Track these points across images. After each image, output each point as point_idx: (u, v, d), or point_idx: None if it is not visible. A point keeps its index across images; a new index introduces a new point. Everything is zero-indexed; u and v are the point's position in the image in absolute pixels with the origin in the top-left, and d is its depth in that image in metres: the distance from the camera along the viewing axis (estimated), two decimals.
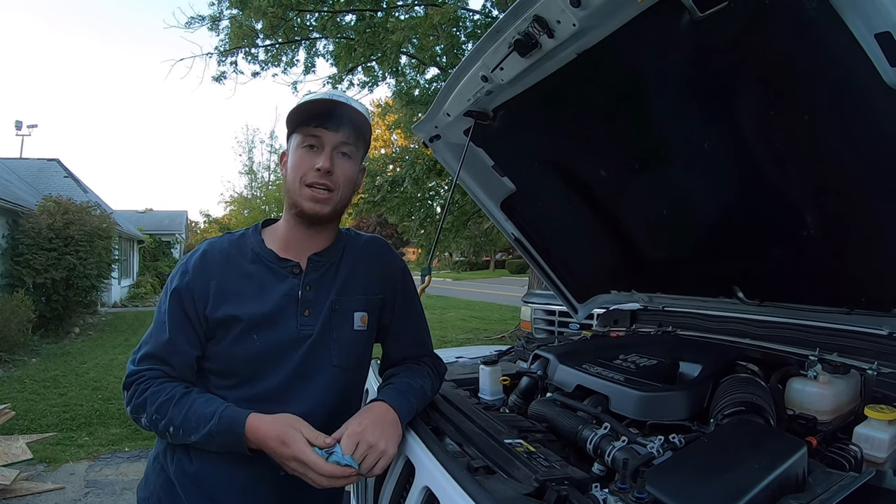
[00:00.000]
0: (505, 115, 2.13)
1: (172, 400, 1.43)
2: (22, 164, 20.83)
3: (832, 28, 1.18)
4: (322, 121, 1.54)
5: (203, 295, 1.53)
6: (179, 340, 1.51)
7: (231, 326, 1.51)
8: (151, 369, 1.50)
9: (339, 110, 1.56)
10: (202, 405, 1.41)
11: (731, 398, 1.52)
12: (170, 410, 1.42)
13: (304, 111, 1.55)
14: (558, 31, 1.56)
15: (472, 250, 26.04)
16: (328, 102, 1.56)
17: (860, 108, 1.36)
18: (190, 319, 1.52)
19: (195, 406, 1.41)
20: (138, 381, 1.49)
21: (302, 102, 1.56)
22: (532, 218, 2.79)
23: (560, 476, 1.18)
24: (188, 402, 1.43)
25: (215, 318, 1.52)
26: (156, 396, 1.44)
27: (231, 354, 1.52)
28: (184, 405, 1.42)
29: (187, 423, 1.40)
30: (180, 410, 1.41)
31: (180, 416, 1.41)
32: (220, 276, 1.55)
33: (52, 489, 4.59)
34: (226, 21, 11.34)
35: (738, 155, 1.75)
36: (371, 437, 1.37)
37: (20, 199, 13.44)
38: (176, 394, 1.44)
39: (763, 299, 2.15)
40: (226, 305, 1.52)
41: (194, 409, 1.41)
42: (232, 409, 1.40)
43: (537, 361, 2.01)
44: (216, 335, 1.53)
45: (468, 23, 11.21)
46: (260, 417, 1.38)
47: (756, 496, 1.02)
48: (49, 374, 8.79)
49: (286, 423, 1.36)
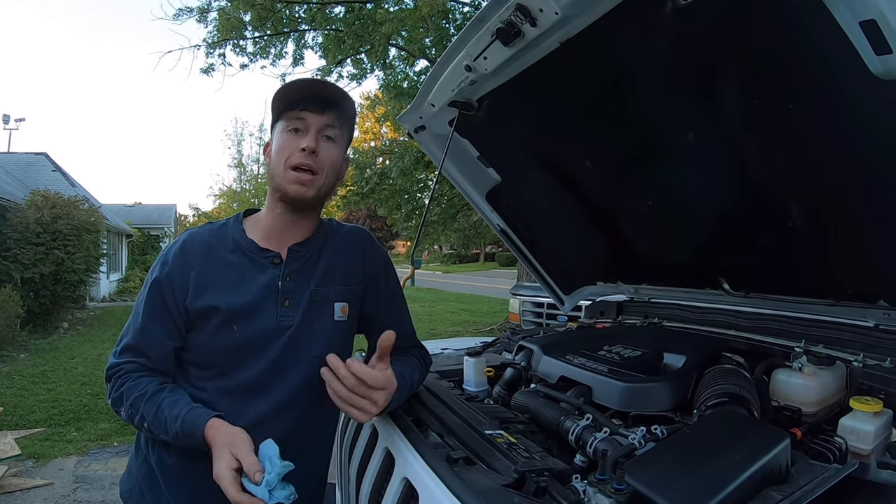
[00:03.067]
0: (489, 105, 2.12)
1: (144, 397, 1.42)
2: (9, 158, 20.67)
3: (816, 16, 1.16)
4: (307, 104, 1.54)
5: (183, 286, 1.52)
6: (157, 332, 1.50)
7: (211, 317, 1.50)
8: (130, 362, 1.49)
9: (324, 92, 1.56)
10: (169, 406, 1.40)
11: (715, 389, 1.51)
12: (142, 407, 1.41)
13: (289, 94, 1.55)
14: (541, 20, 1.54)
15: (461, 243, 26.04)
16: (313, 84, 1.56)
17: (845, 98, 1.35)
18: (169, 310, 1.51)
19: (163, 406, 1.40)
20: (117, 375, 1.48)
21: (286, 84, 1.56)
22: (517, 209, 2.78)
23: (540, 467, 1.17)
24: (158, 400, 1.41)
25: (195, 309, 1.50)
26: (130, 392, 1.44)
27: (211, 345, 1.51)
28: (154, 403, 1.41)
29: (157, 422, 1.40)
30: (150, 409, 1.40)
31: (151, 414, 1.40)
32: (200, 267, 1.54)
33: (40, 485, 4.57)
34: (214, 13, 11.22)
35: (723, 145, 1.75)
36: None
37: (7, 193, 13.34)
38: (148, 390, 1.43)
39: (748, 291, 2.15)
40: (206, 296, 1.51)
41: (162, 409, 1.39)
42: (194, 412, 1.38)
43: (522, 352, 2.01)
44: (196, 326, 1.51)
45: (458, 14, 11.16)
46: (216, 428, 1.35)
47: (737, 487, 1.01)
48: (37, 369, 8.73)
49: (227, 441, 1.32)
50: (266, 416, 1.49)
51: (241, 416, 1.45)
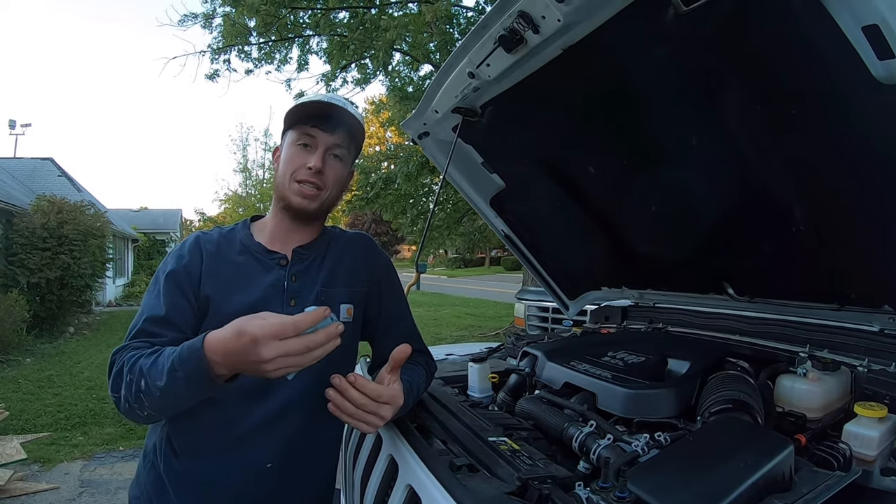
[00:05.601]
0: (493, 111, 2.12)
1: (143, 354, 1.33)
2: (16, 163, 20.74)
3: (819, 21, 1.16)
4: (318, 122, 1.59)
5: (198, 275, 1.54)
6: (174, 316, 1.48)
7: (217, 316, 1.49)
8: (138, 341, 1.43)
9: (336, 113, 1.60)
10: (169, 352, 1.27)
11: (719, 395, 1.51)
12: (139, 362, 1.31)
13: (303, 110, 1.60)
14: (543, 27, 1.54)
15: (466, 247, 26.03)
16: (327, 105, 1.61)
17: (848, 103, 1.34)
18: (187, 298, 1.51)
19: (163, 353, 1.29)
20: (119, 353, 1.40)
21: (301, 102, 1.61)
22: (522, 214, 2.78)
23: (543, 475, 1.17)
24: (157, 353, 1.31)
25: (205, 297, 1.52)
26: (132, 358, 1.34)
27: None
28: (152, 355, 1.31)
29: (154, 369, 1.27)
30: (148, 359, 1.30)
31: (148, 363, 1.29)
32: (210, 260, 1.57)
33: (46, 489, 4.59)
34: (219, 19, 11.28)
35: (726, 150, 1.74)
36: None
37: (14, 198, 13.38)
38: (146, 350, 1.35)
39: (753, 296, 2.15)
40: (213, 290, 1.53)
41: (162, 355, 1.29)
42: (190, 341, 1.26)
43: (526, 358, 2.01)
44: (203, 324, 1.51)
45: (461, 19, 11.17)
46: (215, 331, 1.22)
47: (740, 495, 1.00)
48: (43, 373, 8.78)
49: (240, 320, 1.18)
50: (273, 417, 1.50)
51: (248, 416, 1.47)
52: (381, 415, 1.36)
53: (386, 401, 1.37)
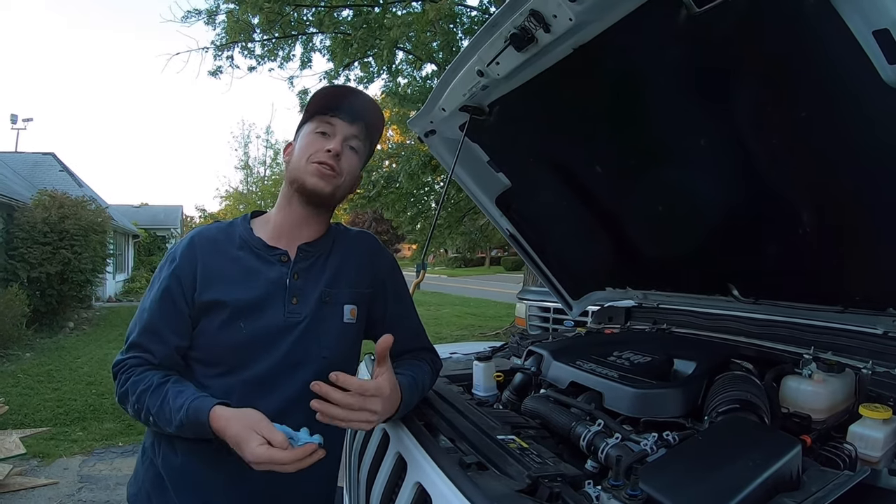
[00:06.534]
0: (500, 110, 2.12)
1: (149, 390, 1.41)
2: (17, 157, 20.77)
3: (830, 24, 1.17)
4: (339, 111, 1.60)
5: (191, 281, 1.53)
6: (163, 329, 1.50)
7: (217, 312, 1.50)
8: (134, 357, 1.49)
9: (358, 104, 1.62)
10: (174, 396, 1.38)
11: (726, 395, 1.51)
12: (147, 400, 1.41)
13: (326, 97, 1.63)
14: (555, 26, 1.54)
15: (467, 246, 25.99)
16: (350, 93, 1.63)
17: (858, 106, 1.35)
18: (177, 307, 1.52)
19: (168, 396, 1.39)
20: (123, 370, 1.48)
21: (325, 88, 1.64)
22: (527, 214, 2.78)
23: (553, 473, 1.17)
24: (163, 392, 1.40)
25: (203, 302, 1.51)
26: (136, 386, 1.43)
27: (217, 341, 1.51)
28: (158, 395, 1.40)
29: (162, 414, 1.38)
30: (155, 401, 1.39)
31: (156, 406, 1.39)
32: (207, 259, 1.56)
33: (45, 484, 4.58)
34: (222, 15, 11.27)
35: (734, 152, 1.74)
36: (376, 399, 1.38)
37: (15, 192, 13.40)
38: (153, 382, 1.42)
39: (758, 297, 2.15)
40: (212, 289, 1.52)
41: (167, 400, 1.38)
42: (199, 400, 1.36)
43: (531, 358, 2.01)
44: (202, 322, 1.52)
45: (465, 18, 11.16)
46: (222, 412, 1.34)
47: (750, 494, 1.01)
48: (43, 368, 8.77)
49: (245, 425, 1.31)
50: (275, 413, 1.50)
51: None
52: (370, 409, 1.35)
53: (372, 393, 1.35)
